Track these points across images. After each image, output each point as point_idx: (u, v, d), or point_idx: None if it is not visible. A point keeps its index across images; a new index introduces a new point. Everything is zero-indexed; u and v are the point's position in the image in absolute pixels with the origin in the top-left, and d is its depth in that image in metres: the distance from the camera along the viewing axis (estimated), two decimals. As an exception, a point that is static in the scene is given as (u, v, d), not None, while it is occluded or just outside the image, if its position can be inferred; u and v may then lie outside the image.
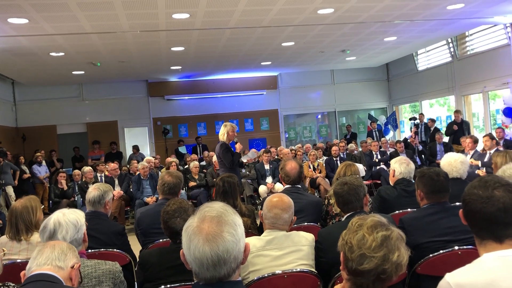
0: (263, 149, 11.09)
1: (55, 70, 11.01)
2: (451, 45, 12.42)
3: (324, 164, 9.47)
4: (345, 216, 2.91)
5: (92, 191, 3.56)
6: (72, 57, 9.71)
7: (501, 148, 8.16)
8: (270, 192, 8.76)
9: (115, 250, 3.39)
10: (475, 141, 8.10)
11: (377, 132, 13.48)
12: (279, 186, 8.42)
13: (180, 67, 12.20)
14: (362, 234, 1.55)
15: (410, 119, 12.40)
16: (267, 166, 9.26)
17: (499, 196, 1.63)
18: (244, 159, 9.69)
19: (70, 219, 2.34)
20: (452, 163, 4.02)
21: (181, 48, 9.78)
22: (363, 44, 11.06)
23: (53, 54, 9.27)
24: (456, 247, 2.66)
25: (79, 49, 9.08)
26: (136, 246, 3.83)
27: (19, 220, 3.25)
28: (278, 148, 10.77)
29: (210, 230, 1.42)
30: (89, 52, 9.42)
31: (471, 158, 7.85)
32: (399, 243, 1.54)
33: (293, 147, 11.49)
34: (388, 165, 8.89)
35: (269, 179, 9.09)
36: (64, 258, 1.90)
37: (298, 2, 7.14)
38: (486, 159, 7.34)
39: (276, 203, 2.71)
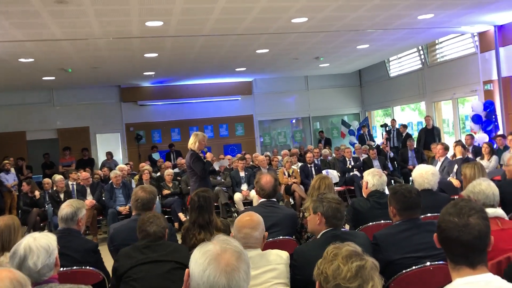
0: (238, 155, 11.11)
1: (24, 75, 10.76)
2: (421, 52, 12.70)
3: (298, 171, 9.52)
4: (321, 233, 2.93)
5: (65, 208, 3.49)
6: (42, 63, 9.50)
7: (470, 155, 8.40)
8: (245, 199, 8.77)
9: (88, 267, 3.34)
10: (446, 148, 8.29)
11: (367, 136, 13.57)
12: (254, 194, 8.43)
13: (153, 73, 12.09)
14: (337, 265, 1.57)
15: (381, 125, 12.60)
16: (242, 174, 9.26)
17: (474, 224, 1.68)
18: (216, 167, 9.70)
19: (41, 243, 2.28)
20: (424, 174, 4.11)
21: (155, 55, 9.70)
22: (337, 51, 11.20)
23: (22, 60, 9.05)
24: (428, 263, 2.72)
25: (49, 55, 8.89)
26: (108, 258, 3.75)
27: None
28: (253, 155, 10.78)
29: (230, 262, 1.46)
30: (60, 58, 9.24)
31: (441, 164, 8.04)
32: (373, 273, 1.57)
33: (268, 153, 11.52)
34: (361, 172, 9.02)
35: (244, 187, 9.09)
36: None
37: (273, 11, 7.18)
38: (455, 167, 7.52)
39: (245, 223, 2.71)
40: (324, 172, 9.29)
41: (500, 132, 9.71)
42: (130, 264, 2.89)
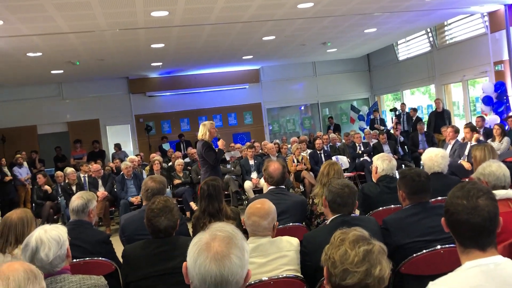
0: (247, 143, 11.10)
1: (33, 70, 10.82)
2: (430, 34, 12.53)
3: (308, 158, 9.50)
4: (330, 219, 2.93)
5: (76, 200, 3.52)
6: (50, 56, 9.54)
7: (481, 137, 8.30)
8: (255, 187, 8.78)
9: (100, 258, 3.37)
10: (456, 131, 8.18)
11: (378, 121, 13.46)
12: (264, 181, 8.43)
13: (160, 63, 12.09)
14: (345, 249, 1.56)
15: (391, 110, 12.50)
16: (251, 162, 9.26)
17: (483, 205, 1.67)
18: (227, 157, 9.71)
19: (52, 235, 2.31)
20: (433, 157, 4.09)
21: (161, 45, 9.69)
22: (344, 36, 11.09)
23: (30, 54, 9.10)
24: (438, 246, 2.70)
25: (56, 48, 8.92)
26: (120, 248, 3.78)
27: (11, 231, 3.18)
28: (262, 143, 10.77)
29: (219, 249, 1.42)
30: (67, 51, 9.27)
31: (452, 147, 7.96)
32: (381, 257, 1.56)
33: (277, 141, 11.50)
34: (371, 157, 8.97)
35: (254, 175, 9.09)
36: None
37: (278, -2, 7.12)
38: (467, 149, 7.45)
39: (255, 211, 2.71)
40: (333, 158, 9.26)
41: (512, 113, 9.58)
42: (141, 275, 2.68)
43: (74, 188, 8.44)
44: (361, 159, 9.94)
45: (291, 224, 3.70)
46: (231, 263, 1.41)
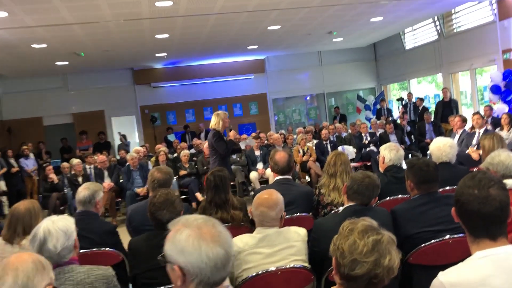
0: (253, 134, 11.09)
1: (38, 61, 10.82)
2: (437, 23, 12.39)
3: (314, 148, 9.47)
4: (343, 208, 2.93)
5: (82, 191, 3.52)
6: (55, 48, 9.53)
7: (489, 127, 8.23)
8: (261, 178, 8.78)
9: (107, 249, 3.38)
10: (464, 120, 8.13)
11: (385, 111, 13.37)
12: (270, 172, 8.42)
13: (165, 54, 12.05)
14: (353, 239, 1.55)
15: (398, 99, 12.42)
16: (257, 152, 9.26)
17: (495, 195, 1.65)
18: (242, 146, 9.71)
19: (59, 226, 2.30)
20: (441, 147, 4.04)
21: (166, 35, 9.65)
22: (350, 25, 10.99)
23: (35, 45, 9.09)
24: (447, 236, 2.68)
25: (61, 39, 8.90)
26: (127, 239, 3.80)
27: (19, 222, 3.19)
28: (268, 133, 10.75)
29: (212, 231, 1.46)
30: (72, 42, 9.25)
31: (459, 137, 7.90)
32: (390, 247, 1.54)
33: (283, 132, 11.47)
34: (378, 147, 8.93)
35: (260, 165, 9.09)
36: (32, 285, 1.67)
37: (283, -14, 7.05)
38: (475, 139, 7.39)
39: (263, 201, 2.71)
40: (340, 148, 9.23)
41: (520, 102, 9.48)
42: (147, 267, 2.72)
43: (80, 179, 8.46)
44: (368, 149, 9.90)
45: (298, 214, 3.69)
46: (226, 238, 1.47)
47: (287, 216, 3.51)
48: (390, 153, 4.03)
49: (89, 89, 14.02)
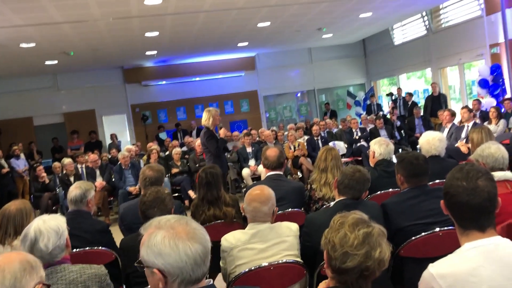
0: (244, 131, 11.09)
1: (26, 61, 10.72)
2: (425, 18, 12.46)
3: (305, 144, 9.51)
4: (334, 202, 2.96)
5: (74, 190, 3.51)
6: (44, 47, 9.45)
7: (477, 120, 8.32)
8: (254, 174, 8.79)
9: (100, 247, 3.38)
10: (453, 114, 8.19)
11: (375, 106, 13.42)
12: (262, 168, 8.44)
13: (155, 52, 12.00)
14: (344, 233, 1.57)
15: (387, 95, 12.49)
16: (249, 149, 9.26)
17: (483, 186, 1.67)
18: (229, 146, 9.71)
19: (51, 226, 2.30)
20: (430, 141, 4.08)
21: (156, 33, 9.60)
22: (339, 21, 11.02)
23: (24, 45, 9.00)
24: (437, 229, 2.71)
25: (50, 39, 8.84)
26: (120, 237, 3.80)
27: (10, 223, 3.17)
28: (260, 130, 10.77)
29: (186, 229, 1.45)
30: (61, 41, 9.19)
31: (449, 131, 7.97)
32: (381, 239, 1.57)
33: (274, 128, 11.49)
34: (368, 142, 8.98)
35: (251, 162, 9.10)
36: (20, 285, 1.64)
37: (272, -17, 7.05)
38: (464, 132, 7.46)
39: (255, 197, 2.72)
40: (331, 144, 9.27)
41: (508, 95, 9.57)
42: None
43: (72, 178, 8.42)
44: (358, 144, 9.95)
45: (290, 210, 3.71)
46: (201, 233, 1.47)
47: (279, 212, 3.53)
48: (380, 147, 4.07)
49: (80, 89, 13.92)
